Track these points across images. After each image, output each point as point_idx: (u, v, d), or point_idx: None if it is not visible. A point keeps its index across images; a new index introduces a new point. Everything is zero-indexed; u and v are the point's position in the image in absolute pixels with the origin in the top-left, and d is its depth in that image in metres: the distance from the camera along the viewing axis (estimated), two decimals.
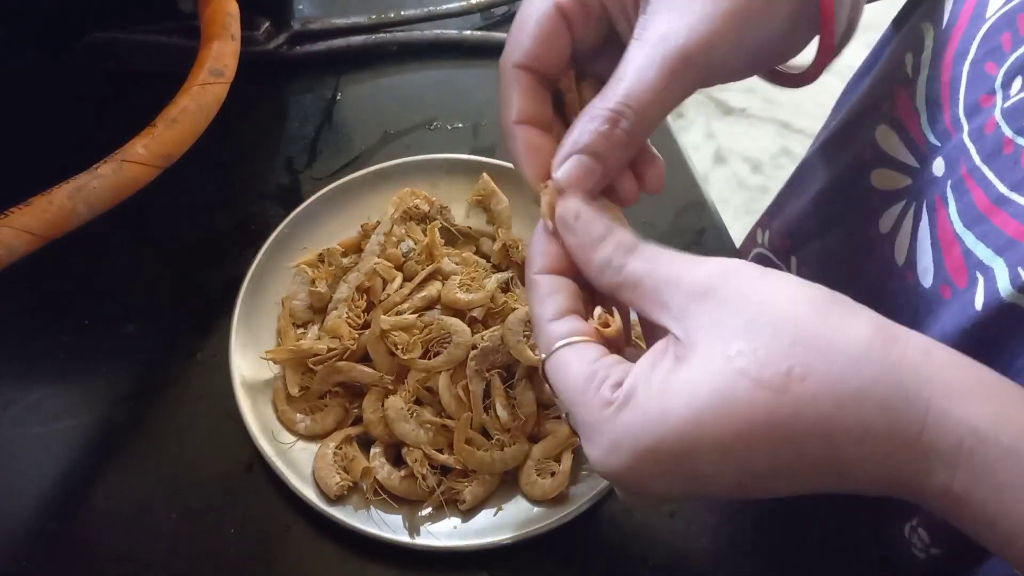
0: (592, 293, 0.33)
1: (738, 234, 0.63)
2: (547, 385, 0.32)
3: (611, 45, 0.35)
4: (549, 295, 0.32)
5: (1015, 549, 0.24)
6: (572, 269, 0.33)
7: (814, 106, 1.88)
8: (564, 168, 0.32)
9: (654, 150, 0.35)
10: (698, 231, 0.57)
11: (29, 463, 0.44)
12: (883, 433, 0.24)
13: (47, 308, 0.49)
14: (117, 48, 0.57)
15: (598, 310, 0.32)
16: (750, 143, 1.86)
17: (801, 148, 1.84)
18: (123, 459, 0.44)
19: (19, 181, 0.38)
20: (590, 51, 0.36)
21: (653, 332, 0.31)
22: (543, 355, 0.31)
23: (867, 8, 0.36)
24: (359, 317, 0.46)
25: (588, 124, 0.32)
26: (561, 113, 0.36)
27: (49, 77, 0.57)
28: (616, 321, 0.31)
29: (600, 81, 0.33)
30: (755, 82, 0.38)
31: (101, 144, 0.40)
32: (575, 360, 0.30)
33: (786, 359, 0.25)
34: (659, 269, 0.29)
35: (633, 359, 0.30)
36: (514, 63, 0.34)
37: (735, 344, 0.26)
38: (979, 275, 0.35)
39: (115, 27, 0.57)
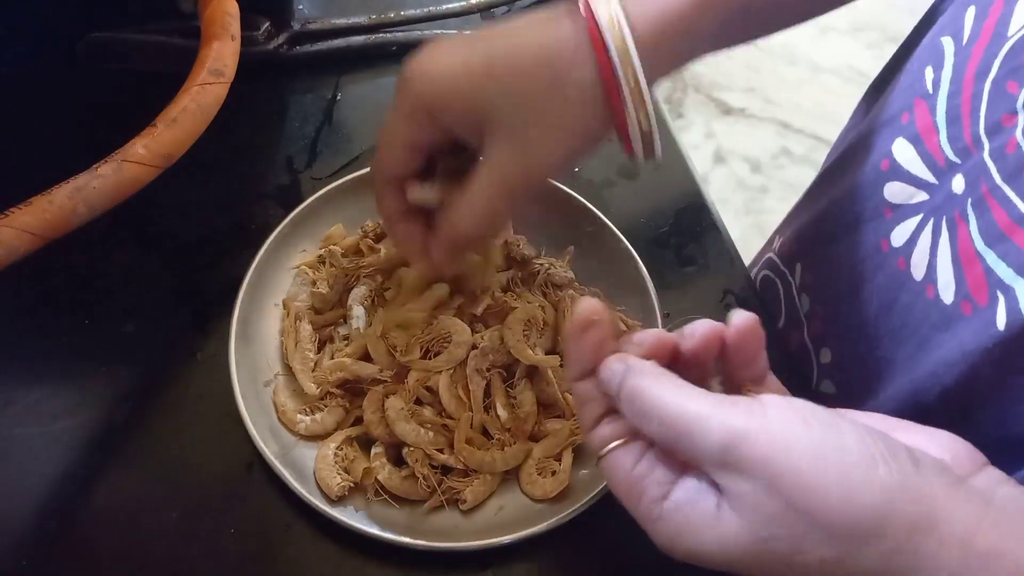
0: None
1: (738, 234, 0.63)
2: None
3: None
4: (585, 402, 0.34)
5: None
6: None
7: (814, 106, 1.89)
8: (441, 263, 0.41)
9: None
10: (698, 231, 0.57)
11: (29, 463, 0.44)
12: None
13: (47, 308, 0.49)
14: (117, 48, 0.57)
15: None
16: (750, 143, 1.86)
17: (801, 148, 1.84)
18: (123, 459, 0.44)
19: (19, 181, 0.38)
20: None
21: None
22: (596, 460, 0.34)
23: (866, 8, 0.36)
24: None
25: (443, 238, 0.40)
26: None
27: (49, 77, 0.57)
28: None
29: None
30: (755, 82, 0.39)
31: (101, 144, 0.40)
32: (617, 467, 0.32)
33: (817, 552, 0.27)
34: (677, 428, 0.29)
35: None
36: (383, 180, 0.41)
37: (768, 529, 0.27)
38: (1000, 294, 0.35)
39: (115, 27, 0.57)
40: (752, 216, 1.70)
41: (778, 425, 0.27)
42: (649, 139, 0.37)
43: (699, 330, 0.32)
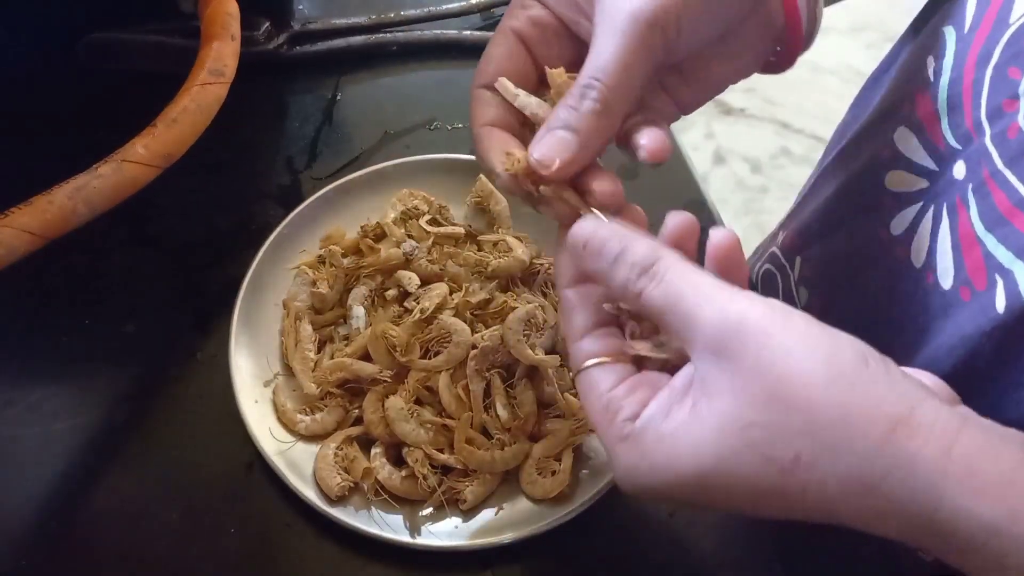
0: None
1: (738, 234, 0.63)
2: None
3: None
4: (574, 310, 0.33)
5: None
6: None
7: (814, 106, 1.88)
8: (540, 146, 0.32)
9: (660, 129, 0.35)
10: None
11: (29, 463, 0.44)
12: (891, 517, 0.25)
13: (47, 308, 0.49)
14: (117, 48, 0.57)
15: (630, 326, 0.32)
16: (750, 143, 1.86)
17: (801, 148, 1.84)
18: (123, 459, 0.44)
19: (19, 181, 0.38)
20: (573, 64, 0.35)
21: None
22: (572, 371, 0.32)
23: (866, 8, 0.37)
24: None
25: (560, 106, 0.33)
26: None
27: (49, 77, 0.57)
28: (640, 345, 0.32)
29: None
30: (755, 82, 0.39)
31: (101, 144, 0.40)
32: (595, 385, 0.31)
33: (794, 446, 0.25)
34: (678, 305, 0.28)
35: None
36: (478, 85, 0.36)
37: (749, 415, 0.26)
38: (999, 277, 0.35)
39: (115, 27, 0.57)
40: (752, 216, 1.70)
41: (780, 312, 0.27)
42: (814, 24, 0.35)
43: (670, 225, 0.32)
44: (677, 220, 0.32)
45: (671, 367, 0.31)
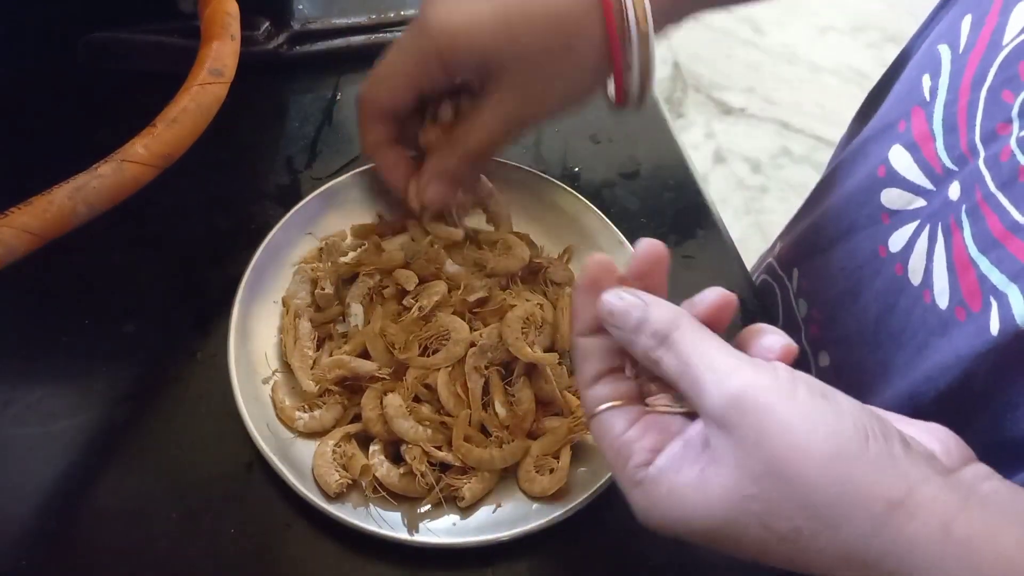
0: None
1: (738, 234, 0.63)
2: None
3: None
4: (585, 358, 0.34)
5: None
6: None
7: (813, 106, 1.88)
8: (429, 191, 0.47)
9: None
10: (698, 231, 0.57)
11: (29, 463, 0.44)
12: None
13: (47, 308, 0.49)
14: (117, 48, 0.57)
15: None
16: (750, 143, 1.86)
17: (800, 148, 1.84)
18: (123, 459, 0.44)
19: (19, 181, 0.38)
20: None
21: None
22: (586, 416, 0.34)
23: (866, 8, 0.37)
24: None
25: (443, 159, 0.46)
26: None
27: (49, 77, 0.57)
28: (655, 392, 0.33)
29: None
30: (755, 82, 0.39)
31: (101, 144, 0.40)
32: (608, 429, 0.32)
33: (793, 520, 0.27)
34: (686, 374, 0.29)
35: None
36: (375, 110, 0.47)
37: (749, 488, 0.27)
38: (993, 300, 0.35)
39: (115, 27, 0.57)
40: (752, 216, 1.70)
41: (785, 383, 0.28)
42: (643, 95, 0.43)
43: (707, 299, 0.32)
44: (713, 297, 0.33)
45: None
